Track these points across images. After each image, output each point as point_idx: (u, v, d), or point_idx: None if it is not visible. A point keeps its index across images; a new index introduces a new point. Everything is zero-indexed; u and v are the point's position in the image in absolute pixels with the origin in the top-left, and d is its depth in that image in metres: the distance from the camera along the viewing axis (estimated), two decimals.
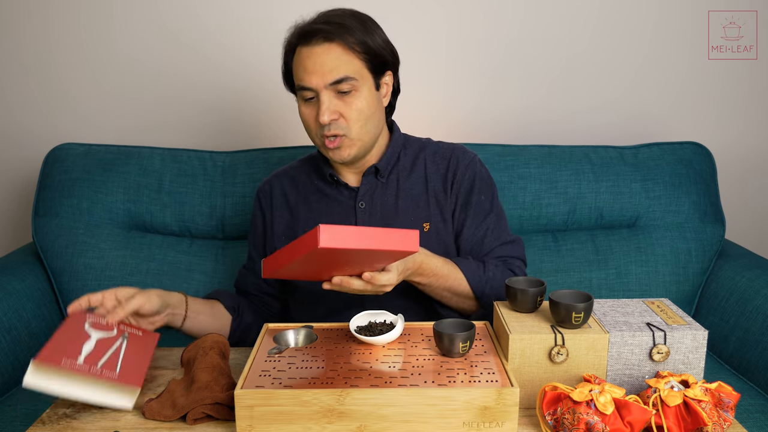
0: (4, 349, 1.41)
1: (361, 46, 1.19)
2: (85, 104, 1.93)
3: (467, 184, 1.31)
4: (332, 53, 1.18)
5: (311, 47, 1.19)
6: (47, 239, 1.64)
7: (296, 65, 1.22)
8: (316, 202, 1.33)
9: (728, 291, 1.57)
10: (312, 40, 1.19)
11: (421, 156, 1.34)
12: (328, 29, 1.18)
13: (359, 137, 1.22)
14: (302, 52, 1.20)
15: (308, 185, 1.35)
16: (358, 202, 1.30)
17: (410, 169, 1.33)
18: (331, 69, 1.18)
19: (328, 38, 1.18)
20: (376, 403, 0.85)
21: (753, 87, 1.93)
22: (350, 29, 1.19)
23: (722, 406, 0.86)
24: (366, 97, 1.21)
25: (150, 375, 1.05)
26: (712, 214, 1.68)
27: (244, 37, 1.88)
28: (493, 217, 1.31)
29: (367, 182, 1.30)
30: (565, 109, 1.94)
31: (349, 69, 1.19)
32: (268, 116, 1.94)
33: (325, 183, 1.33)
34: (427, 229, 1.29)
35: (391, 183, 1.31)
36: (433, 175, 1.32)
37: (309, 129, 1.25)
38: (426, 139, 1.38)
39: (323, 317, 1.27)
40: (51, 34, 1.88)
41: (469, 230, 1.30)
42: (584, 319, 0.93)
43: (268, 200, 1.37)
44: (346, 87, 1.19)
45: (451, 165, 1.32)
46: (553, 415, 0.86)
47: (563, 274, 1.66)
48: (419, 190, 1.31)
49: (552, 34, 1.89)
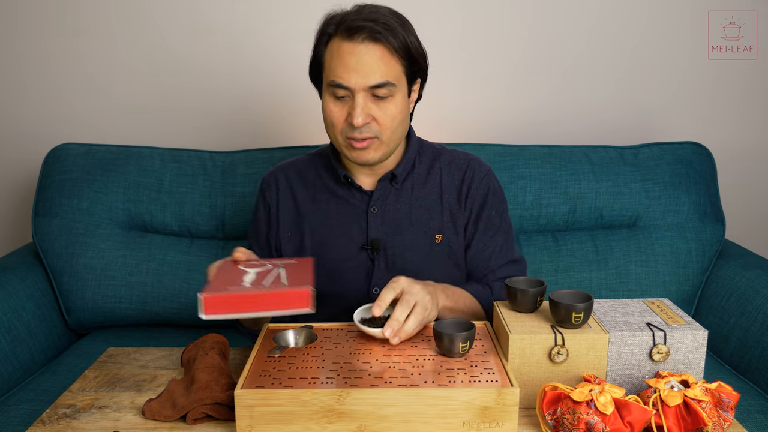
0: (4, 349, 1.41)
1: (404, 51, 1.16)
2: (86, 104, 1.92)
3: (480, 199, 1.29)
4: (376, 54, 1.13)
5: (354, 44, 1.13)
6: (47, 239, 1.64)
7: (333, 59, 1.15)
8: (325, 202, 1.29)
9: (728, 291, 1.57)
10: (355, 36, 1.13)
11: (436, 165, 1.31)
12: (375, 28, 1.12)
13: (388, 142, 1.19)
14: (343, 47, 1.14)
15: (317, 183, 1.31)
16: (370, 206, 1.27)
17: (425, 177, 1.30)
18: (374, 71, 1.13)
19: (375, 38, 1.13)
20: (376, 403, 0.85)
21: (753, 87, 1.93)
22: (395, 31, 1.14)
23: (722, 406, 0.86)
24: (399, 104, 1.18)
25: (150, 375, 1.05)
26: (712, 214, 1.68)
27: (244, 38, 1.88)
28: (501, 234, 1.31)
29: (382, 187, 1.27)
30: (565, 109, 1.94)
31: (390, 74, 1.15)
32: (268, 116, 1.94)
33: (337, 183, 1.29)
34: (439, 240, 1.27)
35: (406, 190, 1.28)
36: (448, 186, 1.29)
37: (333, 126, 1.19)
38: (439, 146, 1.35)
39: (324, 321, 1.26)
40: (51, 34, 1.88)
41: (477, 245, 1.29)
42: (584, 319, 0.93)
43: (273, 193, 1.33)
44: (383, 92, 1.15)
45: (466, 177, 1.29)
46: (553, 415, 0.86)
47: (563, 274, 1.66)
48: (433, 200, 1.28)
49: (552, 34, 1.89)
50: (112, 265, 1.64)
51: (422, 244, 1.27)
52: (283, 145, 1.85)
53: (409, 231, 1.26)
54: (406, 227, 1.26)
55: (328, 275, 1.25)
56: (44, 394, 1.35)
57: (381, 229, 1.26)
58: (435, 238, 1.27)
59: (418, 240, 1.27)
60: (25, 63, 1.90)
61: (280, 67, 1.89)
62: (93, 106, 1.93)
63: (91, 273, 1.63)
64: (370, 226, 1.26)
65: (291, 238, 1.30)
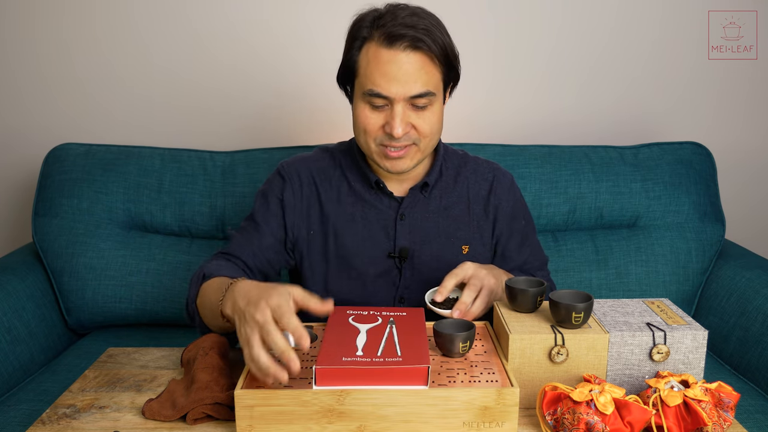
0: (4, 349, 1.41)
1: (443, 57, 1.12)
2: (85, 104, 1.92)
3: (509, 210, 1.29)
4: (417, 63, 1.09)
5: (394, 51, 1.08)
6: (47, 239, 1.64)
7: (370, 67, 1.10)
8: (351, 205, 1.25)
9: (728, 291, 1.57)
10: (396, 44, 1.08)
11: (462, 173, 1.28)
12: (417, 36, 1.08)
13: (424, 150, 1.17)
14: (382, 55, 1.09)
15: (342, 183, 1.26)
16: (399, 213, 1.24)
17: (453, 185, 1.27)
18: (416, 81, 1.09)
19: (416, 46, 1.08)
20: (376, 403, 0.85)
21: (753, 87, 1.93)
22: (434, 36, 1.09)
23: (722, 406, 0.86)
24: (437, 112, 1.15)
25: (150, 375, 1.05)
26: (712, 214, 1.68)
27: (244, 38, 1.88)
28: (532, 239, 1.33)
29: (412, 195, 1.24)
30: (565, 109, 1.94)
31: (431, 83, 1.11)
32: (268, 116, 1.94)
33: (364, 187, 1.25)
34: (466, 251, 1.26)
35: (434, 199, 1.26)
36: (475, 197, 1.27)
37: (365, 133, 1.15)
38: (462, 152, 1.33)
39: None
40: (51, 34, 1.88)
41: (512, 255, 1.30)
42: (584, 319, 0.93)
43: (296, 185, 1.25)
44: (423, 102, 1.11)
45: (493, 188, 1.28)
46: (553, 415, 0.86)
47: (563, 274, 1.66)
48: (461, 210, 1.26)
49: (551, 35, 1.89)
50: (112, 265, 1.64)
51: (449, 254, 1.25)
52: (283, 145, 1.85)
53: (436, 241, 1.24)
54: (434, 237, 1.24)
55: (353, 281, 1.24)
56: (44, 394, 1.35)
57: (409, 238, 1.24)
58: (462, 249, 1.25)
59: (444, 250, 1.25)
60: (25, 63, 1.90)
61: (281, 68, 1.89)
62: (93, 106, 1.93)
63: (91, 273, 1.63)
64: (398, 233, 1.23)
65: (314, 237, 1.26)
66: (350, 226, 1.24)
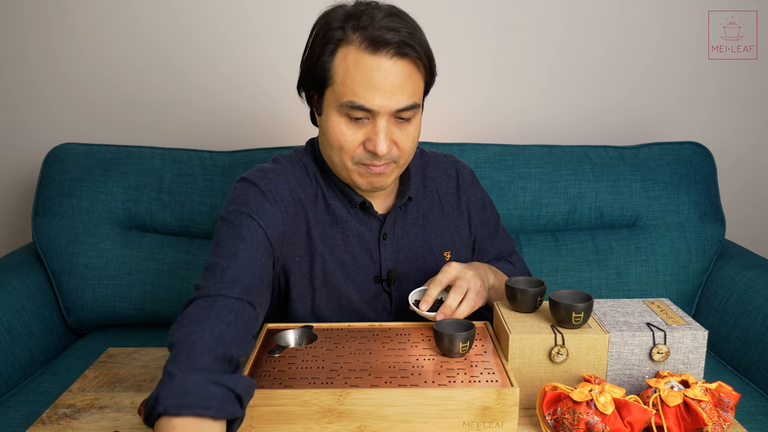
0: (4, 349, 1.41)
1: (427, 61, 1.00)
2: (85, 104, 1.93)
3: (479, 203, 1.25)
4: (404, 72, 0.97)
5: (378, 58, 0.95)
6: (47, 239, 1.64)
7: (349, 75, 0.96)
8: (329, 227, 1.11)
9: (728, 291, 1.57)
10: (380, 51, 0.95)
11: (429, 174, 1.20)
12: (402, 40, 0.96)
13: (403, 166, 1.08)
14: (364, 62, 0.96)
15: (319, 203, 1.11)
16: (381, 233, 1.13)
17: (423, 190, 1.19)
18: (403, 92, 0.97)
19: (404, 53, 0.96)
20: (376, 403, 0.85)
21: (753, 87, 1.93)
22: (418, 39, 0.98)
23: (722, 406, 0.86)
24: (418, 125, 1.04)
25: (150, 375, 1.05)
26: (712, 214, 1.68)
27: (243, 38, 1.88)
28: (500, 227, 1.33)
29: (393, 211, 1.14)
30: (565, 109, 1.94)
31: (417, 94, 1.00)
32: (268, 116, 1.94)
33: (342, 205, 1.12)
34: (449, 258, 1.20)
35: (411, 210, 1.17)
36: (445, 197, 1.21)
37: (342, 150, 1.02)
38: (419, 149, 1.23)
39: None
40: (51, 34, 1.88)
41: (487, 248, 1.30)
42: (584, 319, 0.93)
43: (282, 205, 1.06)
44: (409, 114, 1.00)
45: (460, 185, 1.22)
46: (553, 415, 0.86)
47: (563, 274, 1.66)
48: (436, 215, 1.19)
49: (552, 35, 1.89)
50: (112, 264, 1.64)
51: (433, 264, 1.18)
52: (283, 145, 1.85)
53: (420, 254, 1.17)
54: (417, 251, 1.17)
55: (344, 312, 1.14)
56: (44, 395, 1.35)
57: (394, 258, 1.15)
58: (444, 256, 1.20)
59: (429, 261, 1.19)
60: (25, 63, 1.90)
61: (281, 68, 1.89)
62: (93, 106, 1.93)
63: (91, 272, 1.63)
64: (382, 255, 1.14)
65: (299, 263, 1.11)
66: (333, 250, 1.12)
